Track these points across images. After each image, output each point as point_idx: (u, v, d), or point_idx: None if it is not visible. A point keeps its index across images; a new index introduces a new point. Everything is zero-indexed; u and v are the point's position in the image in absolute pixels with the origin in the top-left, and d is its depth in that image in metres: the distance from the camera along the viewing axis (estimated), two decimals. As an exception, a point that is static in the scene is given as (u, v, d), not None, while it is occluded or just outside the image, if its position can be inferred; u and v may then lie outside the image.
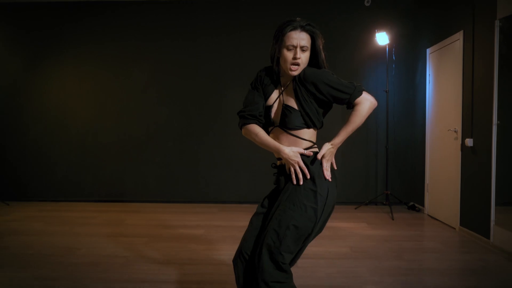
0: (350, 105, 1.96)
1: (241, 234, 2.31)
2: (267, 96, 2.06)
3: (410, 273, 3.28)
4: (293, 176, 1.93)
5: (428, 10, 5.44)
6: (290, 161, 1.92)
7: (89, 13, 6.24)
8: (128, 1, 6.17)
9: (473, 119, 4.27)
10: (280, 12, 6.07)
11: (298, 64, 1.92)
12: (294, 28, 1.93)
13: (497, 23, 3.85)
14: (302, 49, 1.92)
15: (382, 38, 5.44)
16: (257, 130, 2.00)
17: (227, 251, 3.78)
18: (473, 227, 4.27)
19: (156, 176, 6.23)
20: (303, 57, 1.93)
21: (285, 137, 1.98)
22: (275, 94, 2.05)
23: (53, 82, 6.32)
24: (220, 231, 4.55)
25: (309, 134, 2.00)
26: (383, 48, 5.69)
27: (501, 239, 3.80)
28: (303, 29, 1.93)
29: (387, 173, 5.70)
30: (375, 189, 6.06)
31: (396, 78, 5.94)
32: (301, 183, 1.91)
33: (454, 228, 4.64)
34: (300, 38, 1.92)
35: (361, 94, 1.93)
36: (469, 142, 4.29)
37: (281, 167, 2.04)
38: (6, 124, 6.34)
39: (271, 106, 2.04)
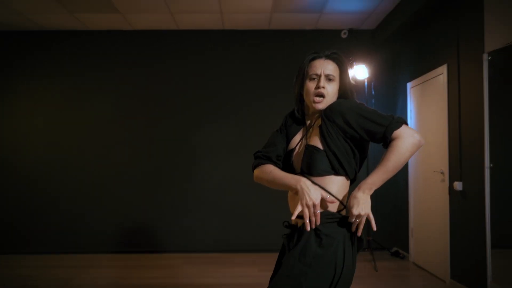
0: (387, 141, 1.56)
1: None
2: (289, 138, 1.80)
3: None
4: (306, 220, 1.54)
5: (408, 43, 5.17)
6: (306, 196, 1.54)
7: (39, 43, 5.73)
8: (83, 31, 5.71)
9: (461, 160, 3.89)
10: (255, 44, 5.72)
11: (322, 95, 1.68)
12: (318, 57, 1.75)
13: (485, 56, 3.54)
14: (328, 77, 1.70)
15: (360, 72, 5.10)
16: (271, 168, 1.71)
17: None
18: (466, 282, 3.81)
19: (113, 223, 5.58)
20: (329, 88, 1.69)
21: (313, 188, 1.59)
22: (299, 136, 1.78)
23: (2, 115, 5.71)
24: (182, 288, 3.96)
25: (338, 184, 1.64)
26: (362, 82, 5.36)
27: (500, 298, 3.35)
28: (328, 57, 1.74)
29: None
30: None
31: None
32: (309, 228, 1.55)
33: (444, 281, 4.16)
34: (324, 66, 1.71)
35: (400, 126, 1.55)
36: (458, 185, 3.89)
37: (295, 228, 1.67)
38: None
39: (293, 150, 1.75)
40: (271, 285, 1.60)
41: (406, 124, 1.59)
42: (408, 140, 1.52)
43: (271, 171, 1.69)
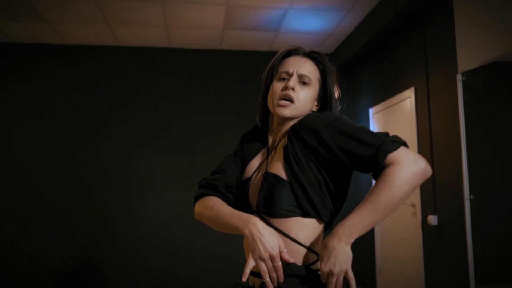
0: (378, 169, 1.11)
1: None
2: (246, 163, 1.36)
3: None
4: (266, 277, 1.10)
5: (370, 66, 4.89)
6: (259, 246, 1.09)
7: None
8: (11, 43, 4.94)
9: (435, 192, 3.52)
10: (204, 64, 5.21)
11: (290, 99, 1.27)
12: (294, 54, 1.36)
13: (459, 77, 3.24)
14: (302, 79, 1.30)
15: (321, 95, 4.72)
16: (214, 201, 1.26)
17: None
18: (447, 329, 3.36)
19: (46, 260, 4.67)
20: (301, 92, 1.29)
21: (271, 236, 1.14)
22: (258, 161, 1.35)
23: None
24: None
25: (306, 230, 1.20)
26: (322, 106, 4.98)
27: None
28: (307, 55, 1.36)
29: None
30: (317, 273, 5.04)
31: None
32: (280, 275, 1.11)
33: (420, 327, 3.70)
34: (299, 65, 1.31)
35: (397, 147, 1.11)
36: (432, 219, 3.50)
37: None
38: None
39: (249, 179, 1.31)
40: None
41: (406, 146, 1.13)
42: (409, 167, 1.07)
43: (214, 206, 1.24)
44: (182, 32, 4.75)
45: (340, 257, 1.09)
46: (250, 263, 1.13)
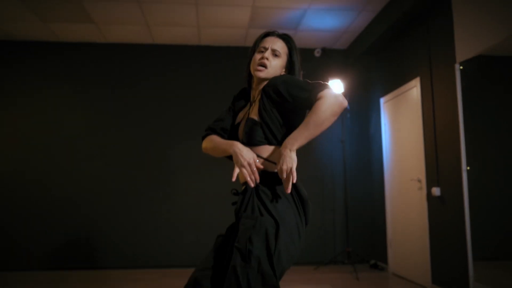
0: (312, 104, 1.59)
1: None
2: (237, 113, 1.91)
3: None
4: (246, 176, 1.59)
5: (380, 60, 5.41)
6: (239, 158, 1.60)
7: (9, 53, 5.52)
8: (55, 42, 5.57)
9: (438, 166, 4.04)
10: (231, 61, 5.78)
11: (264, 65, 1.77)
12: (270, 34, 1.87)
13: (457, 66, 3.76)
14: (274, 52, 1.80)
15: (336, 86, 5.26)
16: (213, 137, 1.82)
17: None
18: (448, 285, 3.87)
19: (87, 239, 5.29)
20: (273, 61, 1.79)
21: (248, 153, 1.65)
22: (243, 111, 1.88)
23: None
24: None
25: (271, 153, 1.69)
26: (337, 97, 5.51)
27: (484, 297, 3.42)
28: (279, 36, 1.86)
29: (348, 229, 5.28)
30: (333, 248, 5.57)
31: (351, 129, 5.74)
32: (253, 184, 1.60)
33: (425, 287, 4.21)
34: (273, 42, 1.82)
35: (324, 89, 1.59)
36: (436, 191, 4.01)
37: (243, 193, 1.70)
38: None
39: (239, 123, 1.84)
40: (235, 240, 1.58)
41: (331, 88, 1.65)
42: (330, 99, 1.55)
43: (212, 140, 1.80)
44: (211, 31, 5.33)
45: (287, 159, 1.53)
46: (236, 170, 1.68)
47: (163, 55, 5.69)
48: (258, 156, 1.66)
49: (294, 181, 1.54)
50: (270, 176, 1.64)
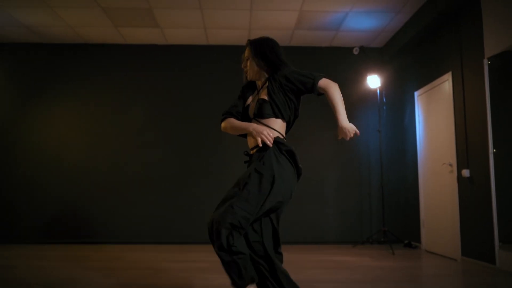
0: (315, 89, 2.24)
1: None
2: (246, 99, 2.49)
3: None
4: (265, 139, 2.19)
5: (414, 56, 5.90)
6: (258, 131, 2.22)
7: (84, 53, 6.34)
8: (127, 44, 6.35)
9: (467, 150, 4.53)
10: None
11: (245, 70, 2.48)
12: (247, 46, 2.51)
13: (485, 61, 4.25)
14: (246, 59, 2.47)
15: (373, 81, 5.80)
16: (230, 120, 2.39)
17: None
18: (476, 256, 4.36)
19: (151, 217, 6.04)
20: (249, 65, 2.45)
21: (261, 126, 2.26)
22: (251, 97, 2.48)
23: (46, 120, 6.22)
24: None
25: (278, 124, 2.30)
26: (374, 91, 6.06)
27: (508, 262, 3.90)
28: (248, 45, 2.49)
29: (384, 211, 5.80)
30: (370, 229, 6.11)
31: (387, 120, 6.26)
32: (271, 142, 2.20)
33: (456, 260, 4.71)
34: (245, 52, 2.49)
35: (322, 78, 2.25)
36: (466, 173, 4.51)
37: (251, 156, 2.36)
38: (-7, 161, 6.11)
39: (249, 105, 2.44)
40: (243, 177, 2.22)
41: (326, 77, 2.30)
42: (335, 87, 2.25)
43: (231, 121, 2.39)
44: (260, 33, 5.95)
45: (350, 128, 2.21)
46: (258, 139, 2.20)
47: (217, 54, 6.38)
48: (270, 128, 2.29)
49: (358, 134, 2.26)
50: (277, 142, 2.24)
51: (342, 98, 2.23)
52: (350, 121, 2.25)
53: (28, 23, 5.67)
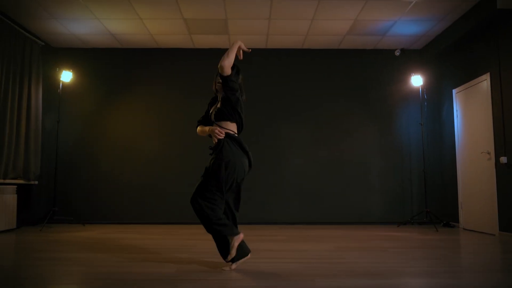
0: (223, 78, 3.18)
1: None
2: (210, 108, 3.42)
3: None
4: (216, 135, 3.12)
5: (453, 57, 6.64)
6: (212, 130, 3.17)
7: (157, 56, 7.20)
8: (195, 49, 7.20)
9: (505, 139, 5.30)
10: (328, 61, 7.20)
11: (217, 88, 3.35)
12: (217, 75, 3.37)
13: (522, 64, 5.00)
14: (218, 82, 3.30)
15: (416, 80, 6.57)
16: (200, 126, 3.37)
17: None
18: (513, 229, 5.15)
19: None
20: (218, 86, 3.31)
21: (215, 127, 3.19)
22: (215, 106, 3.34)
23: (123, 117, 7.11)
24: (296, 239, 5.26)
25: (229, 125, 3.18)
26: (416, 88, 6.83)
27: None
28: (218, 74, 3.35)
29: (426, 194, 6.60)
30: (411, 210, 6.92)
31: (428, 114, 7.03)
32: (222, 136, 3.10)
33: (494, 234, 5.50)
34: (218, 78, 3.32)
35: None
36: (503, 159, 5.28)
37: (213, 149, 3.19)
38: (83, 154, 7.01)
39: (211, 113, 3.32)
40: (209, 164, 3.15)
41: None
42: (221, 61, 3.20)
43: (200, 127, 3.34)
44: (315, 38, 6.77)
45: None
46: (215, 137, 3.14)
47: (276, 58, 7.21)
48: (221, 127, 3.16)
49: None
50: (228, 136, 3.12)
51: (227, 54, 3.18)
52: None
53: (115, 32, 6.53)
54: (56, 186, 6.56)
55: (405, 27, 6.31)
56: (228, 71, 3.12)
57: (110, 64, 7.22)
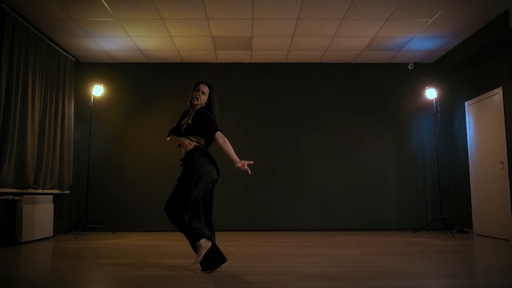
0: (213, 137, 3.46)
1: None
2: (181, 121, 3.70)
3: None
4: (185, 146, 3.45)
5: (465, 71, 7.00)
6: (182, 141, 3.48)
7: (181, 70, 7.53)
8: (217, 63, 7.54)
9: (518, 151, 5.65)
10: (345, 75, 7.56)
11: (197, 98, 3.57)
12: (201, 83, 3.68)
13: (534, 80, 5.37)
14: (203, 92, 3.60)
15: (431, 93, 6.94)
16: (172, 136, 3.63)
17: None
18: (527, 235, 5.48)
19: (238, 208, 7.21)
20: (202, 96, 3.58)
21: (185, 139, 3.51)
22: (186, 120, 3.64)
23: (150, 129, 7.42)
24: (321, 245, 5.57)
25: (197, 138, 3.51)
26: (430, 100, 7.19)
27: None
28: (206, 84, 3.68)
29: (441, 201, 6.93)
30: (425, 217, 7.25)
31: (441, 126, 7.38)
32: (191, 147, 3.43)
33: (508, 240, 5.82)
34: (202, 87, 3.63)
35: (218, 131, 3.45)
36: (516, 169, 5.63)
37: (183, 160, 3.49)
38: (111, 164, 7.31)
39: (183, 125, 3.60)
40: (180, 176, 3.46)
41: (221, 131, 3.49)
42: (224, 142, 3.49)
43: (172, 137, 3.60)
44: (335, 53, 7.13)
45: (241, 162, 3.54)
46: (185, 148, 3.46)
47: (296, 71, 7.56)
48: (190, 140, 3.47)
49: (246, 169, 3.56)
50: (196, 148, 3.43)
51: (230, 147, 3.44)
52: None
53: (144, 48, 6.86)
54: (88, 195, 6.85)
55: (420, 43, 6.67)
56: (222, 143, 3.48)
57: (136, 78, 7.55)
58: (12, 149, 5.20)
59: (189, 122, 3.52)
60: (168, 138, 3.63)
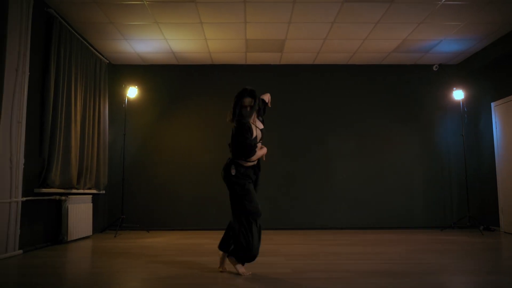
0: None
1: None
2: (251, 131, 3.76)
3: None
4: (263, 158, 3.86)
5: (490, 73, 7.14)
6: (265, 149, 3.87)
7: (211, 72, 7.68)
8: (246, 65, 7.68)
9: (549, 151, 5.79)
10: (371, 76, 7.70)
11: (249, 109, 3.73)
12: (246, 95, 3.87)
13: None
14: (250, 105, 3.79)
15: (458, 94, 7.08)
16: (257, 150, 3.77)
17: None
18: (559, 233, 5.63)
19: (269, 208, 7.36)
20: (249, 110, 3.76)
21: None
22: (254, 128, 3.78)
23: (180, 128, 7.56)
24: (346, 245, 5.73)
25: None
26: (456, 101, 7.33)
27: None
28: (251, 95, 3.82)
29: (468, 200, 7.07)
30: (451, 216, 7.40)
31: (468, 126, 7.52)
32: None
33: (538, 237, 5.98)
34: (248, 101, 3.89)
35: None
36: (547, 168, 5.78)
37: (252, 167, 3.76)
38: (145, 164, 7.45)
39: (256, 136, 3.76)
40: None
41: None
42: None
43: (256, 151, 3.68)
44: (361, 55, 7.27)
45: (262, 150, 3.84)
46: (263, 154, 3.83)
47: (323, 73, 7.70)
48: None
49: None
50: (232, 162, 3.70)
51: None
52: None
53: (177, 50, 7.00)
54: (123, 195, 6.99)
55: (448, 45, 6.81)
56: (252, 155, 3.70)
57: (167, 80, 7.68)
58: (59, 150, 5.34)
59: (260, 128, 3.79)
60: (255, 155, 3.69)
